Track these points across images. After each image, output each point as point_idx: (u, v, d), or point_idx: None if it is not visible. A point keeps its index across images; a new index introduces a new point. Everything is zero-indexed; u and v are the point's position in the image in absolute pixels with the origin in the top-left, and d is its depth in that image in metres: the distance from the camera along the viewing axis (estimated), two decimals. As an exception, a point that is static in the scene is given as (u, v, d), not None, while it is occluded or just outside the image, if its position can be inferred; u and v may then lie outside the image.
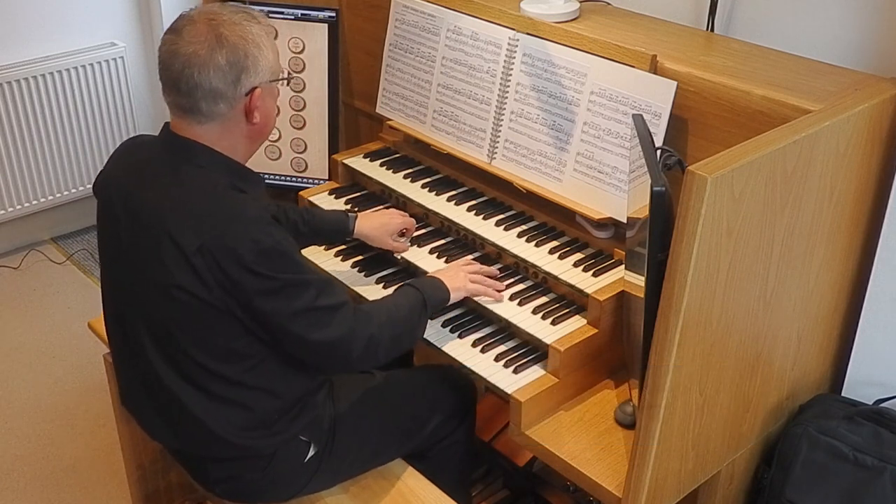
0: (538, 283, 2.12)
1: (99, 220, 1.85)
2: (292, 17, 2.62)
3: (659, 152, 1.77)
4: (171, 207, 1.69)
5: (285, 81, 1.84)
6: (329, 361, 1.81)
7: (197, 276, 1.65)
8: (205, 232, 1.65)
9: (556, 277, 2.06)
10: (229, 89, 1.69)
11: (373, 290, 2.19)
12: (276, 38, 1.84)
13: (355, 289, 2.20)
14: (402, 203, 2.40)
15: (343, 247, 2.33)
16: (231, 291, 1.66)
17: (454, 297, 2.01)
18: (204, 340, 1.73)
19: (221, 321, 1.70)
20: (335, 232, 2.23)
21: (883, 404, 2.01)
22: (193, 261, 1.65)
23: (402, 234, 2.26)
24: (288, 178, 2.77)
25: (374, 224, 2.23)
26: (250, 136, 1.78)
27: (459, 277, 2.04)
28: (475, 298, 2.06)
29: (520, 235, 2.18)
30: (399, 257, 2.25)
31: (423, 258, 2.22)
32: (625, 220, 1.99)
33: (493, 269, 2.13)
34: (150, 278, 1.71)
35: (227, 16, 1.71)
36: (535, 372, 1.94)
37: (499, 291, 2.07)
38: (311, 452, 1.89)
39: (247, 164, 1.81)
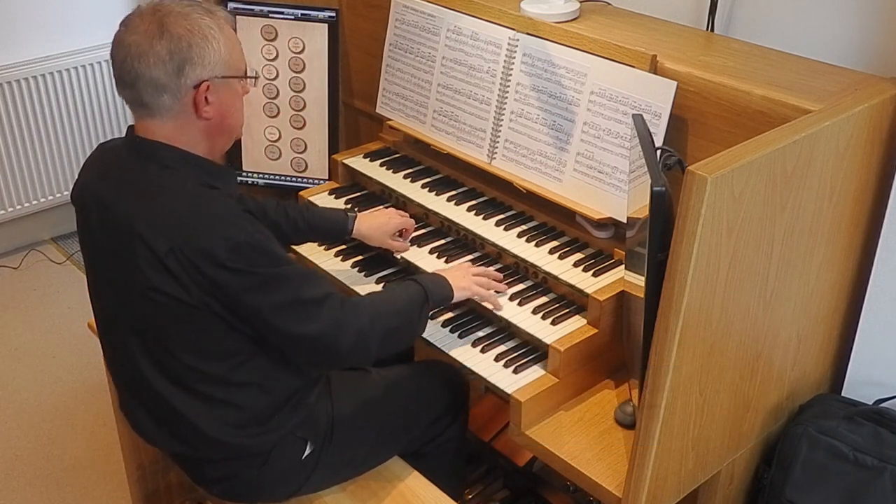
0: (538, 283, 2.12)
1: (78, 229, 1.85)
2: (292, 17, 2.62)
3: (659, 152, 1.77)
4: (141, 211, 1.67)
5: (252, 81, 1.80)
6: (317, 356, 1.79)
7: (173, 278, 1.64)
8: (175, 233, 1.63)
9: (556, 277, 2.06)
10: (171, 80, 1.66)
11: (373, 291, 2.19)
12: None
13: (355, 289, 2.20)
14: (402, 203, 2.39)
15: (343, 247, 2.33)
16: (210, 291, 1.65)
17: (458, 296, 2.00)
18: (188, 342, 1.72)
19: (203, 321, 1.69)
20: (334, 230, 2.23)
21: (883, 404, 2.01)
22: (167, 263, 1.63)
23: (400, 234, 2.26)
24: (288, 178, 2.77)
25: (373, 224, 2.22)
26: (207, 131, 1.74)
27: (464, 277, 2.03)
28: (475, 299, 2.06)
29: (520, 235, 2.18)
30: (399, 257, 2.25)
31: (423, 258, 2.22)
32: (625, 220, 1.99)
33: (499, 275, 2.12)
34: (128, 283, 1.70)
35: (174, 7, 1.68)
36: (535, 372, 1.94)
37: (500, 294, 2.06)
38: (308, 450, 1.89)
39: (235, 161, 1.79)
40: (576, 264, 2.08)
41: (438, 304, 1.98)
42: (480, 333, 2.06)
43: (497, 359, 1.98)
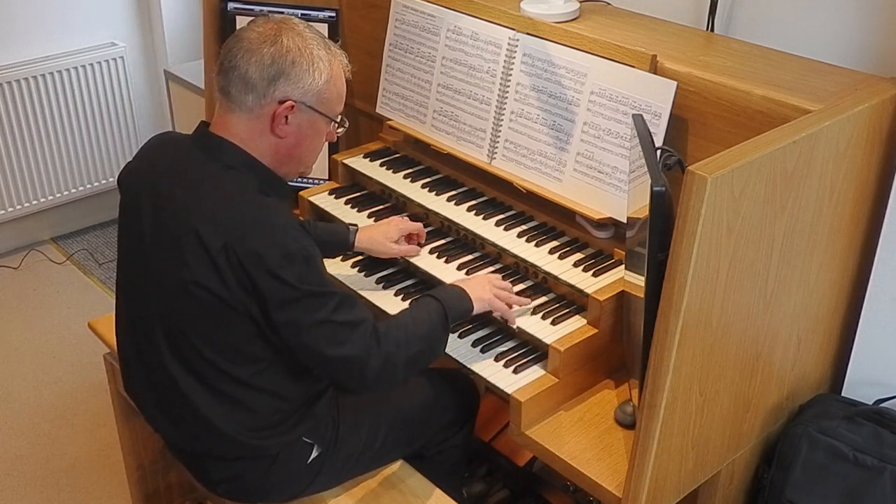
0: (538, 283, 2.12)
1: (121, 212, 1.86)
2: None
3: (659, 152, 1.77)
4: (198, 206, 1.69)
5: (335, 124, 1.82)
6: (345, 379, 1.78)
7: (218, 275, 1.66)
8: (231, 233, 1.65)
9: (556, 277, 2.06)
10: (261, 84, 1.69)
11: (373, 291, 2.19)
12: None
13: (355, 289, 2.20)
14: (401, 203, 2.39)
15: (343, 247, 2.33)
16: (251, 294, 1.67)
17: (477, 308, 1.96)
18: (217, 339, 1.73)
19: (237, 322, 1.70)
20: (335, 244, 2.22)
21: (883, 404, 2.01)
22: (217, 260, 1.65)
23: (410, 239, 2.24)
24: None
25: (373, 234, 2.21)
26: (275, 150, 1.76)
27: (485, 289, 1.99)
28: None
29: (520, 235, 2.18)
30: (400, 258, 2.25)
31: (422, 258, 2.22)
32: (625, 220, 1.99)
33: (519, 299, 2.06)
34: (169, 274, 1.72)
35: (299, 28, 1.74)
36: (535, 372, 1.94)
37: (521, 310, 2.03)
38: (315, 454, 1.89)
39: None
40: (576, 264, 2.08)
41: (458, 319, 1.95)
42: (480, 333, 2.05)
43: (497, 359, 1.98)
